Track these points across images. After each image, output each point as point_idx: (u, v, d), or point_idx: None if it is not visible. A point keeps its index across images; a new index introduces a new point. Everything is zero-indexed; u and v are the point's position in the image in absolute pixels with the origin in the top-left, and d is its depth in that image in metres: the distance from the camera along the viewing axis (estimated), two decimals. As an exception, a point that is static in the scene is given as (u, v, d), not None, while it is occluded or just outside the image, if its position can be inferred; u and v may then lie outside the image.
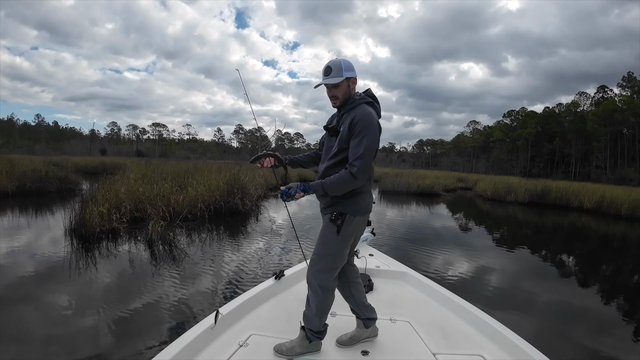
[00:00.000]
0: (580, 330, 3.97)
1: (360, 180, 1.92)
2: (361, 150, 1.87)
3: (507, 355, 2.14)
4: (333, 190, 1.94)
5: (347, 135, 1.94)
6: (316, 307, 2.07)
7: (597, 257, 8.40)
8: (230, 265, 5.45)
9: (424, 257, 6.63)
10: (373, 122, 1.93)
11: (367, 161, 1.89)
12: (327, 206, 2.06)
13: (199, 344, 2.08)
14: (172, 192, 9.29)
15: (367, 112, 1.94)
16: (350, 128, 1.92)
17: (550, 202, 18.03)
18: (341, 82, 1.97)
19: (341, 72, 1.95)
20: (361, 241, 3.90)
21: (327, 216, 2.05)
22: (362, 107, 1.96)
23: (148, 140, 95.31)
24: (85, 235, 6.42)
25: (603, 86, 61.65)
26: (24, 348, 2.98)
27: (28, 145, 63.57)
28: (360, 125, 1.88)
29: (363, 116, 1.91)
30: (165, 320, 3.57)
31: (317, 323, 2.08)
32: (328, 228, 2.03)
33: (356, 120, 1.90)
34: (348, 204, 2.01)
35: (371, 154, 1.91)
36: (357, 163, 1.87)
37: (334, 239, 2.01)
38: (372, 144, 1.90)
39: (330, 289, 2.09)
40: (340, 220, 1.99)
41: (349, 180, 1.89)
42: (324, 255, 2.04)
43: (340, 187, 1.93)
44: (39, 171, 13.91)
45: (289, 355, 2.07)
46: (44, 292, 4.20)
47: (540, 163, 64.04)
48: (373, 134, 1.91)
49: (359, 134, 1.88)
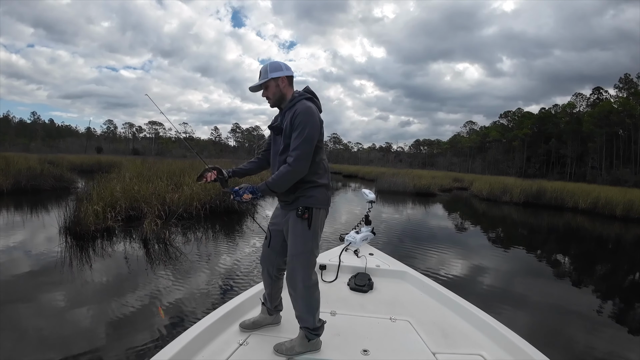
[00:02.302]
0: (577, 329, 4.01)
1: (299, 169, 1.95)
2: (299, 141, 1.92)
3: (507, 354, 2.14)
4: (278, 187, 1.98)
5: (290, 130, 1.99)
6: (305, 305, 2.08)
7: (592, 257, 8.45)
8: (227, 263, 5.44)
9: (422, 256, 6.66)
10: (313, 115, 1.98)
11: (304, 151, 1.93)
12: (291, 202, 2.07)
13: (199, 343, 2.08)
14: (167, 190, 9.27)
15: (306, 105, 2.00)
16: (291, 122, 1.98)
17: (545, 203, 18.10)
18: (267, 82, 2.06)
19: (267, 74, 2.05)
20: (361, 240, 3.91)
21: (292, 213, 2.06)
22: (301, 102, 2.02)
23: (144, 139, 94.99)
24: (80, 233, 6.40)
25: (599, 87, 62.00)
26: (18, 347, 2.97)
27: (24, 143, 63.17)
28: (300, 118, 1.94)
29: (302, 110, 1.97)
30: (161, 319, 3.56)
31: (312, 320, 2.09)
32: (298, 225, 2.03)
33: (296, 114, 1.96)
34: (310, 197, 2.04)
35: (310, 144, 1.95)
36: (294, 153, 1.93)
37: (307, 234, 2.03)
38: (311, 134, 1.94)
39: (314, 284, 2.11)
40: (308, 214, 2.01)
41: (288, 171, 1.94)
42: (302, 253, 2.05)
43: (284, 181, 1.97)
44: (34, 169, 13.87)
45: (289, 355, 2.07)
46: (37, 290, 4.19)
47: (536, 163, 64.24)
48: (312, 125, 1.95)
49: (298, 126, 1.94)
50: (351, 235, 3.92)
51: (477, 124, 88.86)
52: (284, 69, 2.07)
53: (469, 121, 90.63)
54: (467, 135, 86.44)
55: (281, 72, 2.06)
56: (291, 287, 2.10)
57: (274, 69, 2.05)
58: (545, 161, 64.34)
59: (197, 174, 2.31)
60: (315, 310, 2.11)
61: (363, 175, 36.93)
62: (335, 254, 3.64)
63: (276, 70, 2.05)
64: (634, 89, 53.90)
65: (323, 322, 2.18)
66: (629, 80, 55.19)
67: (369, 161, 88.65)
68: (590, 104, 60.97)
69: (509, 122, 75.66)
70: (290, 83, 2.11)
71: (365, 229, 4.12)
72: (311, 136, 1.94)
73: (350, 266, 3.45)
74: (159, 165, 13.49)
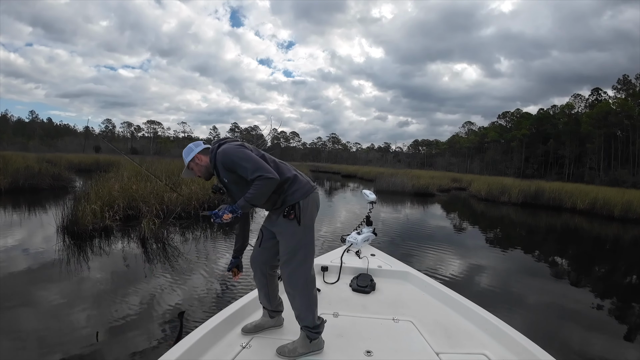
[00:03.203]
0: (579, 327, 4.01)
1: (268, 177, 1.94)
2: (247, 165, 1.96)
3: (511, 354, 2.13)
4: (257, 199, 1.97)
5: (232, 175, 2.04)
6: (303, 303, 2.08)
7: (591, 257, 8.47)
8: (225, 263, 5.40)
9: (423, 256, 6.66)
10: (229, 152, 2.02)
11: (258, 166, 1.96)
12: (279, 206, 2.10)
13: (202, 346, 2.07)
14: (165, 190, 9.24)
15: (217, 152, 2.06)
16: (226, 170, 2.04)
17: (543, 203, 18.13)
18: (189, 164, 2.18)
19: (187, 157, 2.17)
20: (363, 241, 3.90)
21: (279, 216, 2.09)
22: (214, 155, 2.08)
23: (143, 138, 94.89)
24: (77, 232, 6.37)
25: (597, 88, 62.21)
26: (16, 346, 2.94)
27: (22, 142, 62.98)
28: (226, 160, 2.01)
29: (220, 158, 2.04)
30: (158, 320, 3.54)
31: (311, 318, 2.08)
32: (288, 225, 2.06)
33: (222, 163, 2.04)
34: (293, 192, 2.07)
35: (254, 161, 1.98)
36: (255, 174, 1.94)
37: (298, 231, 2.05)
38: (246, 157, 1.98)
39: (312, 281, 2.12)
40: (294, 212, 2.04)
41: (262, 183, 1.94)
42: (299, 249, 2.06)
43: (261, 193, 1.97)
44: (32, 168, 13.83)
45: (292, 356, 2.07)
46: (35, 290, 4.16)
47: (534, 164, 64.40)
48: (237, 153, 2.01)
49: (234, 165, 2.00)
50: (352, 237, 3.90)
51: (475, 124, 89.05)
52: (194, 147, 2.18)
53: (468, 122, 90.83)
54: (465, 136, 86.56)
55: (193, 152, 2.16)
56: (290, 286, 2.09)
57: (189, 150, 2.17)
58: (543, 162, 64.48)
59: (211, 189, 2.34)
60: (314, 307, 2.11)
61: (362, 176, 36.96)
62: (337, 256, 3.62)
63: (188, 154, 2.16)
64: (632, 89, 54.09)
65: (323, 320, 2.17)
66: (627, 81, 55.39)
67: (367, 161, 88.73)
68: (589, 105, 61.17)
69: (507, 123, 75.84)
70: (206, 154, 2.17)
71: (366, 229, 4.10)
72: (247, 157, 1.98)
73: (352, 267, 3.44)
74: (158, 164, 13.44)
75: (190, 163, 2.17)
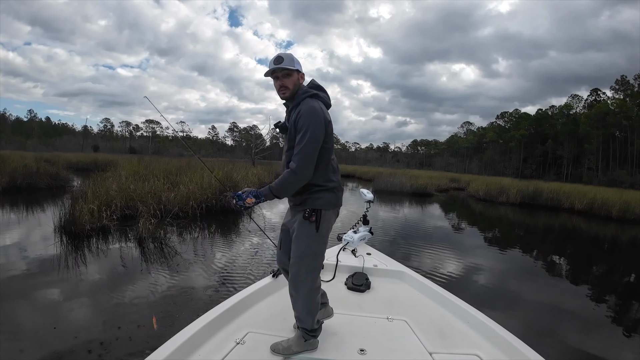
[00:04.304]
0: (572, 328, 4.02)
1: (302, 174, 1.89)
2: (301, 145, 1.86)
3: (503, 354, 2.15)
4: (281, 192, 1.93)
5: (294, 132, 1.92)
6: (305, 307, 2.06)
7: (588, 258, 8.48)
8: (222, 263, 5.41)
9: (419, 256, 6.65)
10: (316, 115, 1.89)
11: (307, 154, 1.87)
12: (299, 203, 2.04)
13: (196, 341, 2.08)
14: (163, 189, 9.24)
15: (309, 106, 1.91)
16: (295, 124, 1.91)
17: (541, 203, 18.15)
18: (293, 71, 1.96)
19: (293, 62, 1.95)
20: (359, 240, 3.90)
21: (299, 214, 2.02)
22: (305, 101, 1.94)
23: (141, 137, 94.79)
24: (74, 232, 6.36)
25: (596, 89, 62.34)
26: (14, 346, 2.94)
27: (20, 141, 62.89)
28: (302, 121, 1.88)
29: (305, 111, 1.89)
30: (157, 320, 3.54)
31: (310, 322, 2.08)
32: (305, 227, 1.99)
33: (299, 117, 1.89)
34: (318, 199, 1.99)
35: (312, 147, 1.88)
36: (296, 158, 1.87)
37: (314, 236, 2.00)
38: (313, 137, 1.87)
39: (317, 288, 2.10)
40: (316, 216, 1.97)
41: (290, 176, 1.89)
42: (307, 255, 2.02)
43: (286, 187, 1.92)
44: (30, 167, 13.80)
45: (286, 354, 2.07)
46: (32, 289, 4.15)
47: (532, 164, 64.51)
48: (315, 127, 1.88)
49: (301, 129, 1.87)
50: (349, 235, 3.91)
51: (474, 124, 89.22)
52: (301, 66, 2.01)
53: (466, 122, 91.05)
54: (464, 136, 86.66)
55: (300, 68, 1.99)
56: (293, 289, 2.07)
57: (297, 62, 1.97)
58: (541, 162, 64.58)
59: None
60: (315, 313, 2.10)
61: (360, 175, 36.96)
62: (333, 254, 3.63)
63: (299, 65, 1.98)
64: (631, 90, 54.20)
65: (321, 322, 2.17)
66: (625, 81, 55.49)
67: (366, 161, 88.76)
68: (587, 106, 61.28)
69: (505, 123, 75.94)
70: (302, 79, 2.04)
71: (363, 228, 4.11)
72: (313, 139, 1.87)
73: (348, 266, 3.44)
74: (156, 163, 13.43)
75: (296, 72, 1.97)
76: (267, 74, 1.98)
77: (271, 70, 1.95)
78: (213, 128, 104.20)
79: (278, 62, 1.93)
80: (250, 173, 16.21)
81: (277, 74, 1.96)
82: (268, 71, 1.97)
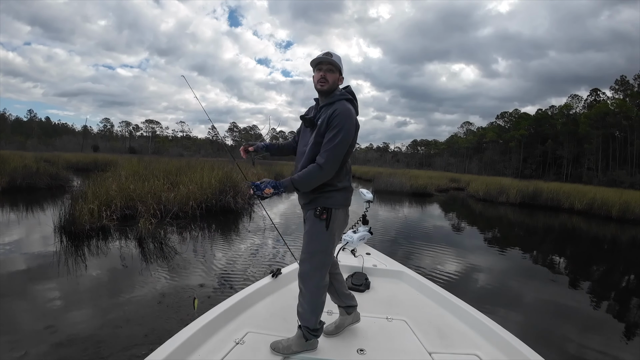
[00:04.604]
0: (571, 328, 4.00)
1: (328, 172, 1.92)
2: (333, 143, 1.89)
3: (502, 354, 2.15)
4: (303, 186, 1.95)
5: (325, 129, 1.95)
6: (310, 305, 2.07)
7: (588, 258, 8.48)
8: (222, 263, 5.41)
9: (419, 256, 6.65)
10: (351, 118, 1.95)
11: (336, 154, 1.91)
12: (309, 202, 2.06)
13: (195, 341, 2.08)
14: (163, 189, 9.24)
15: (347, 107, 1.96)
16: (328, 121, 1.94)
17: (541, 203, 18.15)
18: (336, 69, 2.03)
19: (340, 61, 2.04)
20: (359, 240, 3.90)
21: (310, 212, 2.04)
22: (342, 102, 1.99)
23: (141, 137, 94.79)
24: (74, 232, 6.36)
25: (595, 89, 62.33)
26: (13, 346, 2.94)
27: (20, 141, 62.88)
28: (338, 120, 1.91)
29: (342, 111, 1.93)
30: (155, 319, 3.54)
31: (313, 321, 2.09)
32: (316, 224, 2.01)
33: (336, 114, 1.92)
34: (330, 198, 2.01)
35: (343, 148, 1.92)
36: (325, 155, 1.90)
37: (324, 234, 2.01)
38: (345, 139, 1.92)
39: (324, 286, 2.11)
40: (326, 214, 1.99)
41: (317, 172, 1.91)
42: (316, 253, 2.04)
43: (310, 181, 1.94)
44: (30, 167, 13.77)
45: (286, 354, 2.07)
46: (31, 289, 4.15)
47: (532, 164, 64.52)
48: (349, 129, 1.93)
49: (335, 127, 1.90)
50: (348, 235, 3.90)
51: (474, 124, 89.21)
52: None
53: (466, 122, 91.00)
54: (464, 136, 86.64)
55: (342, 71, 2.08)
56: (302, 284, 2.09)
57: (340, 60, 2.06)
58: (541, 162, 64.60)
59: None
60: (319, 312, 2.11)
61: (360, 175, 36.93)
62: None
63: (342, 68, 2.07)
64: (630, 90, 54.21)
65: (323, 323, 2.18)
66: (625, 81, 55.50)
67: (366, 161, 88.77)
68: (587, 106, 61.29)
69: (505, 123, 75.95)
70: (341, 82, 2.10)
71: (362, 228, 4.11)
72: (344, 141, 1.91)
73: (347, 265, 3.44)
74: (156, 163, 13.42)
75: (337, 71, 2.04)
76: (314, 62, 2.05)
77: (319, 59, 2.02)
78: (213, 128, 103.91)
79: (328, 56, 2.01)
80: (250, 173, 16.19)
81: (322, 66, 2.03)
82: (315, 59, 2.03)
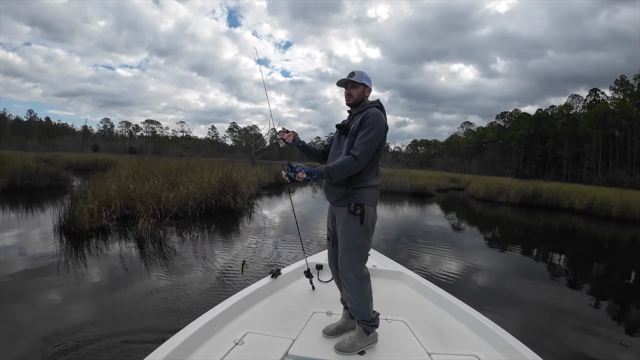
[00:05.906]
0: (571, 329, 4.00)
1: (361, 164, 2.05)
2: (367, 138, 2.05)
3: (501, 355, 2.15)
4: (336, 175, 2.05)
5: (358, 130, 2.11)
6: (359, 297, 2.15)
7: (588, 258, 8.48)
8: (222, 263, 5.40)
9: (418, 256, 6.66)
10: (382, 120, 2.14)
11: (369, 147, 2.06)
12: (341, 198, 2.16)
13: (195, 342, 2.08)
14: (163, 189, 9.23)
15: (376, 111, 2.15)
16: (361, 122, 2.11)
17: (541, 203, 18.16)
18: (359, 84, 2.23)
19: (361, 78, 2.23)
20: None
21: (343, 209, 2.14)
22: (373, 108, 2.17)
23: (141, 137, 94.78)
24: (74, 232, 6.36)
25: (595, 89, 62.33)
26: (12, 346, 2.94)
27: (20, 141, 62.87)
28: (370, 119, 2.09)
29: (374, 113, 2.12)
30: (155, 319, 3.54)
31: (367, 313, 2.16)
32: (351, 220, 2.11)
33: (368, 116, 2.11)
34: (362, 195, 2.12)
35: (375, 143, 2.08)
36: (360, 147, 2.04)
37: (359, 229, 2.10)
38: (377, 136, 2.08)
39: (366, 277, 2.18)
40: (360, 210, 2.09)
41: (352, 162, 2.03)
42: (354, 247, 2.11)
43: (344, 171, 2.05)
44: (30, 167, 13.78)
45: (351, 351, 2.12)
46: (31, 289, 4.15)
47: (532, 164, 64.54)
48: (380, 128, 2.09)
49: (367, 126, 2.08)
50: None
51: (474, 124, 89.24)
52: (371, 82, 2.29)
53: (466, 122, 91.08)
54: (464, 136, 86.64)
55: (370, 84, 2.28)
56: (345, 280, 2.17)
57: (367, 79, 2.26)
58: (541, 162, 64.61)
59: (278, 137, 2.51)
60: (369, 301, 2.19)
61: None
62: None
63: (368, 80, 2.26)
64: (630, 90, 54.21)
65: (377, 313, 2.25)
66: (625, 81, 55.50)
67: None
68: (587, 106, 61.29)
69: (505, 123, 75.97)
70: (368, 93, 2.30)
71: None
72: (377, 137, 2.07)
73: None
74: (155, 163, 13.41)
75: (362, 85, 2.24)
76: (340, 83, 2.29)
77: (343, 81, 2.26)
78: (213, 128, 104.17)
79: (350, 76, 2.24)
80: (250, 173, 16.21)
81: (347, 85, 2.27)
82: (341, 81, 2.27)
